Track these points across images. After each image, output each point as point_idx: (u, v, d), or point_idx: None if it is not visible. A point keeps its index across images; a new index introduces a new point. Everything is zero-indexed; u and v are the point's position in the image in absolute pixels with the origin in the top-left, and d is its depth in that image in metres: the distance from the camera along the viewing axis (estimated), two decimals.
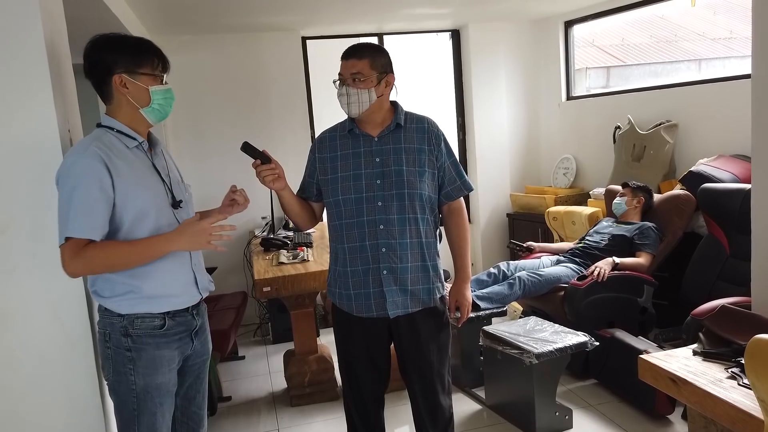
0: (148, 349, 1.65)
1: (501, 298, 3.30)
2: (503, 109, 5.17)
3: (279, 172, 1.91)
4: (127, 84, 1.62)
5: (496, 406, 3.05)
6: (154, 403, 1.67)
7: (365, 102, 1.91)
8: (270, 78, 4.68)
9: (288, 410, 3.25)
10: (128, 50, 1.63)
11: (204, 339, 1.85)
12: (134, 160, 1.65)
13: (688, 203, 3.47)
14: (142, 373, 1.65)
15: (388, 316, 1.98)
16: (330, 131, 2.08)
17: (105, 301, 1.65)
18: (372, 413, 2.13)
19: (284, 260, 3.35)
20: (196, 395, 1.86)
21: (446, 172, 2.03)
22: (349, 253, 1.98)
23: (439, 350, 2.05)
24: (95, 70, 1.63)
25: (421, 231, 1.98)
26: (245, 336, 4.48)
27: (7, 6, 1.73)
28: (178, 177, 1.84)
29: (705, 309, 2.45)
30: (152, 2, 3.47)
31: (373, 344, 2.05)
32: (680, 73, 7.76)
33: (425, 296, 2.01)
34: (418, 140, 1.98)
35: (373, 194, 1.94)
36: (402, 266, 1.96)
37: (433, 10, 4.40)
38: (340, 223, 1.99)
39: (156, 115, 1.69)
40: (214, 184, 4.77)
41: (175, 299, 1.70)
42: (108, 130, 1.64)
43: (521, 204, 4.95)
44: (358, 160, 1.97)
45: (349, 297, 2.00)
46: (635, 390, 2.84)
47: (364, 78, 1.90)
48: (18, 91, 1.76)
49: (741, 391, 1.48)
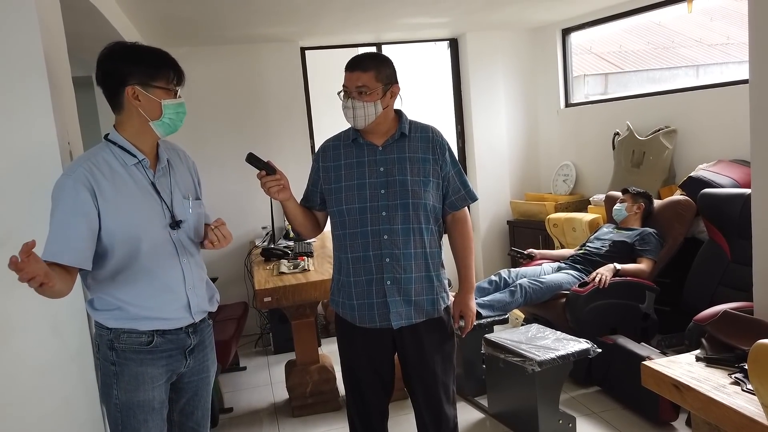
0: (130, 364, 1.63)
1: (502, 306, 3.30)
2: (502, 117, 5.18)
3: (284, 182, 1.91)
4: (139, 96, 1.60)
5: (499, 414, 3.03)
6: (138, 420, 1.64)
7: (371, 115, 1.91)
8: (269, 88, 4.69)
9: (290, 421, 3.24)
10: (144, 62, 1.61)
11: (202, 357, 1.80)
12: (128, 179, 1.62)
13: (689, 209, 3.47)
14: (124, 388, 1.63)
15: (392, 327, 1.96)
16: (333, 140, 2.07)
17: (95, 314, 1.65)
18: (376, 426, 2.11)
19: (285, 270, 3.34)
20: (195, 411, 1.83)
21: (450, 182, 2.02)
22: (353, 263, 1.96)
23: (443, 361, 2.03)
24: (108, 80, 1.61)
25: (425, 241, 1.97)
26: (246, 347, 4.46)
27: (6, 20, 1.74)
28: (184, 195, 1.76)
29: (707, 314, 2.45)
30: (151, 15, 3.49)
31: (377, 354, 2.03)
32: (678, 79, 7.78)
33: (429, 307, 1.99)
34: (422, 150, 1.98)
35: (377, 204, 1.93)
36: (406, 276, 1.94)
37: (431, 19, 4.42)
38: (343, 233, 1.98)
39: (165, 129, 1.67)
40: (213, 195, 4.79)
41: (161, 322, 1.66)
42: (111, 145, 1.63)
43: (521, 211, 4.95)
44: (362, 169, 1.96)
45: (352, 307, 1.98)
46: (639, 397, 2.82)
47: (369, 91, 1.89)
48: (17, 104, 1.76)
49: (745, 396, 1.48)
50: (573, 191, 4.87)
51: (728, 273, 3.14)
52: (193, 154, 1.64)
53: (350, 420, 2.15)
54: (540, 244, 4.55)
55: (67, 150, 1.87)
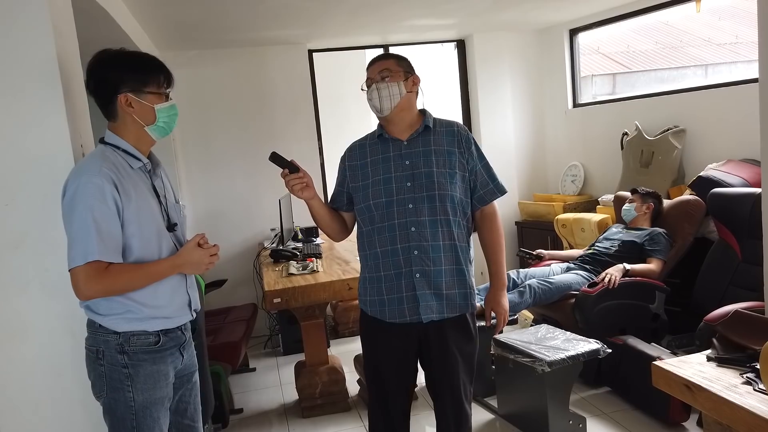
0: (144, 365, 1.64)
1: (512, 307, 3.28)
2: (509, 118, 5.18)
3: (307, 180, 1.92)
4: (132, 103, 1.61)
5: (509, 415, 3.03)
6: (153, 418, 1.66)
7: (396, 95, 1.94)
8: (277, 91, 4.72)
9: (300, 422, 3.25)
10: (135, 69, 1.62)
11: (191, 352, 1.83)
12: (138, 181, 1.65)
13: (698, 208, 3.45)
14: (141, 389, 1.63)
15: (422, 321, 1.94)
16: (360, 141, 2.09)
17: (100, 319, 1.62)
18: (399, 427, 2.10)
19: (294, 271, 3.36)
20: (187, 407, 1.83)
21: (478, 176, 2.02)
22: (382, 257, 1.96)
23: (465, 361, 2.02)
24: (100, 89, 1.62)
25: (453, 233, 1.95)
26: (256, 348, 4.48)
27: (20, 25, 1.77)
28: (173, 199, 1.82)
29: (718, 314, 2.44)
30: (161, 19, 3.52)
31: (403, 353, 2.01)
32: (687, 79, 7.74)
33: (461, 301, 1.97)
34: (447, 143, 1.99)
35: (404, 197, 1.94)
36: (435, 269, 1.93)
37: (437, 21, 4.43)
38: (372, 228, 1.98)
39: (161, 132, 1.69)
40: (221, 196, 4.86)
41: (169, 320, 1.69)
42: (114, 149, 1.63)
43: (530, 212, 4.94)
44: (388, 164, 1.97)
45: (382, 303, 1.97)
46: (649, 397, 2.81)
47: (392, 73, 1.94)
48: (31, 108, 1.79)
49: (757, 396, 1.47)
50: (581, 192, 4.86)
51: (739, 273, 3.12)
52: (201, 156, 1.67)
53: (372, 421, 2.13)
54: (549, 245, 4.54)
55: (80, 152, 1.89)
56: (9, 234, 1.82)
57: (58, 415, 1.88)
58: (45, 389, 1.86)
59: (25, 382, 1.85)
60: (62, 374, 1.86)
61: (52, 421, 1.88)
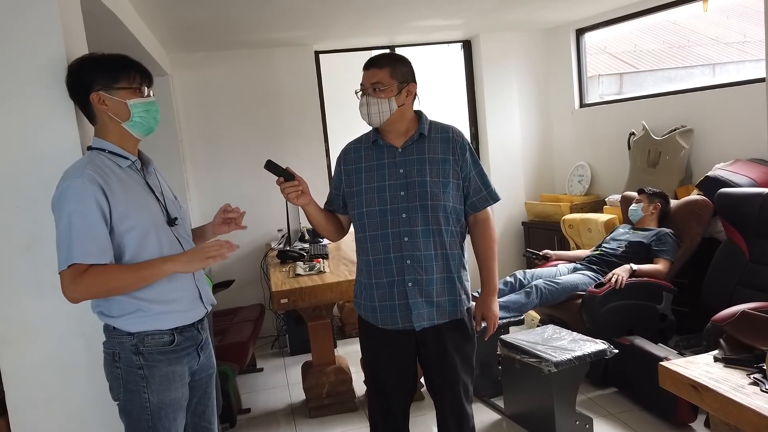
0: (159, 365, 1.65)
1: (518, 307, 3.29)
2: (516, 118, 5.17)
3: (303, 188, 1.93)
4: (105, 101, 1.63)
5: (515, 415, 3.03)
6: (169, 419, 1.67)
7: (385, 112, 1.93)
8: (284, 92, 4.74)
9: (307, 421, 3.26)
10: (103, 67, 1.64)
11: (209, 353, 1.84)
12: (128, 180, 1.65)
13: (706, 208, 3.44)
14: (156, 390, 1.64)
15: (414, 328, 1.97)
16: (354, 143, 2.09)
17: (113, 321, 1.63)
18: (399, 427, 2.12)
19: (301, 272, 3.37)
20: (205, 410, 1.85)
21: (472, 182, 2.02)
22: (374, 265, 1.98)
23: (463, 361, 2.04)
24: (75, 91, 1.67)
25: (445, 242, 1.97)
26: (263, 348, 4.50)
27: (30, 27, 1.78)
28: (171, 195, 1.83)
29: (725, 315, 2.43)
30: (169, 22, 3.55)
31: (400, 356, 2.04)
32: (694, 78, 7.70)
33: (451, 308, 2.00)
34: (442, 150, 1.98)
35: (398, 206, 1.95)
36: (427, 278, 1.95)
37: (444, 21, 4.43)
38: (364, 235, 2.00)
39: (139, 128, 1.68)
40: (229, 197, 4.82)
41: (182, 315, 1.70)
42: (100, 152, 1.65)
43: (536, 212, 4.93)
44: (382, 171, 1.98)
45: (374, 309, 2.00)
46: (656, 398, 2.81)
47: (383, 87, 1.92)
48: (41, 109, 1.81)
49: (764, 396, 1.47)
50: (588, 192, 4.85)
51: (746, 273, 3.11)
52: (209, 157, 1.68)
53: (371, 421, 2.16)
54: (555, 245, 4.53)
55: None
56: (21, 235, 1.83)
57: (69, 414, 1.89)
58: (56, 389, 1.88)
59: (36, 382, 1.87)
60: (74, 374, 1.88)
61: (64, 421, 1.90)
